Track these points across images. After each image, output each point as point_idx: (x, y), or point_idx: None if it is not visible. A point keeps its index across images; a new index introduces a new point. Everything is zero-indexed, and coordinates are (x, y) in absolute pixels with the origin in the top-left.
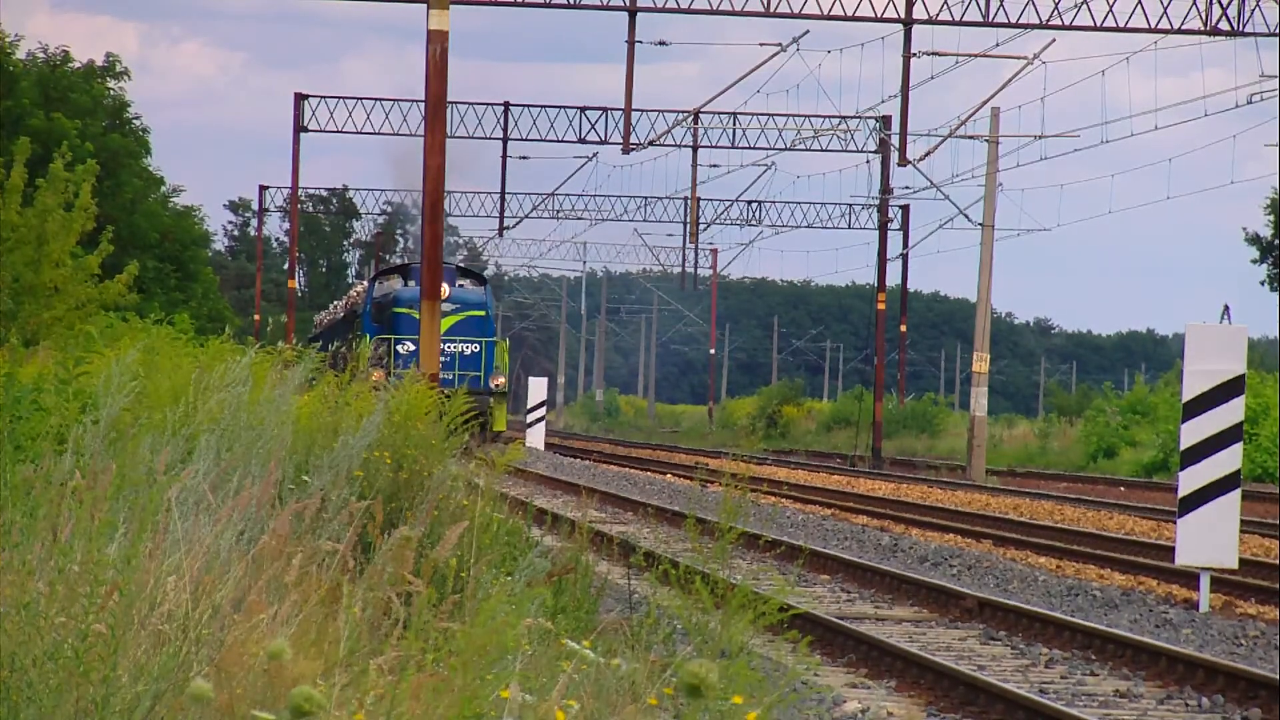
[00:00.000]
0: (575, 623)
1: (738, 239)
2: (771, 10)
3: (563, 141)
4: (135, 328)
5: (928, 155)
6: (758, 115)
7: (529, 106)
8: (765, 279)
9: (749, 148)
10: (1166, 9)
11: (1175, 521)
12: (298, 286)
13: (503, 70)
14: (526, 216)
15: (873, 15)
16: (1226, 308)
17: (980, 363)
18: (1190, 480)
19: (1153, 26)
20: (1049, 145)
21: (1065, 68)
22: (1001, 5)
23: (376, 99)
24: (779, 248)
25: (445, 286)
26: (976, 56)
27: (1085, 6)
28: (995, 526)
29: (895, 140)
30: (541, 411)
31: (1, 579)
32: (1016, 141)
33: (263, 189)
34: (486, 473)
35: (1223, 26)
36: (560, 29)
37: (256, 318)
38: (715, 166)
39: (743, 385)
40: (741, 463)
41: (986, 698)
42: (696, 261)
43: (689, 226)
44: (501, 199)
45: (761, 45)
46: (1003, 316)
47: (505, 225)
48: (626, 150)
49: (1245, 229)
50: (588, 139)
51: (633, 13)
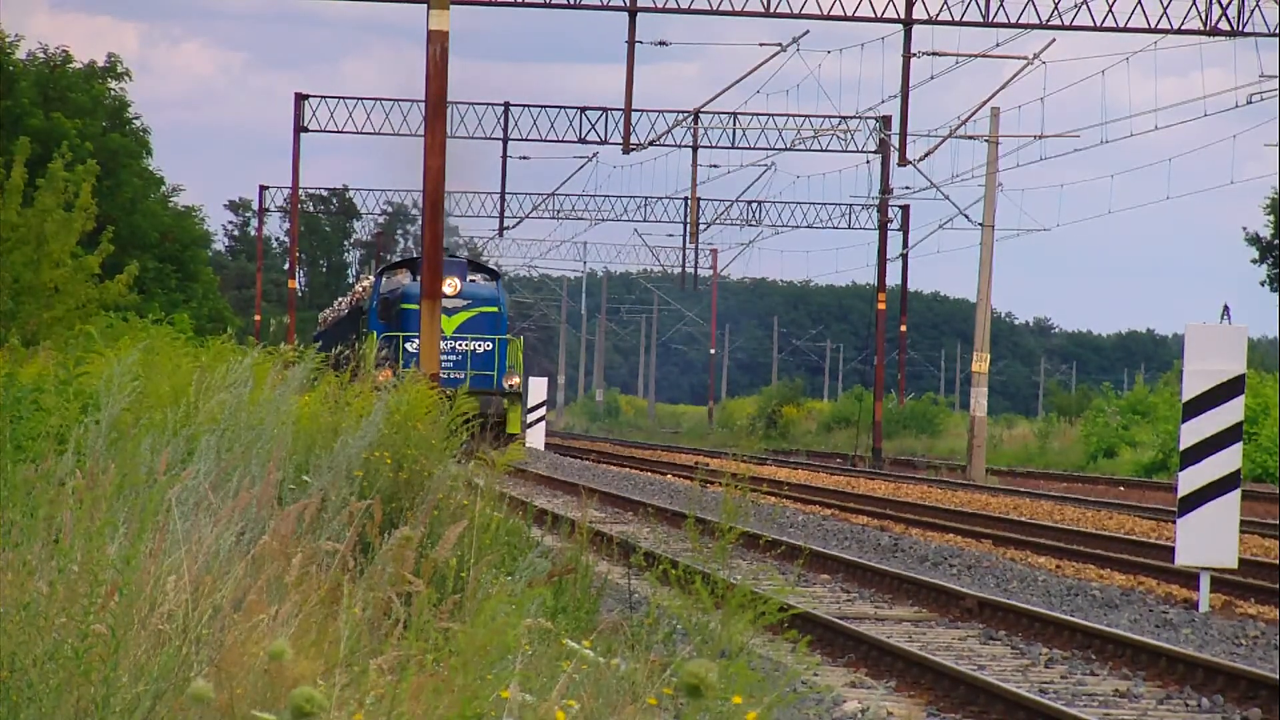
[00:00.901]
0: (575, 623)
1: (738, 239)
2: (771, 10)
3: (563, 141)
4: (135, 328)
5: (928, 155)
6: (758, 115)
7: (529, 106)
8: (765, 279)
9: (749, 148)
10: (1166, 9)
11: (1175, 521)
12: (298, 286)
13: (503, 70)
14: (527, 216)
15: (873, 15)
16: (1226, 308)
17: (980, 363)
18: (1190, 480)
19: (1153, 26)
20: (1049, 145)
21: (1065, 68)
22: (1001, 5)
23: (376, 99)
24: (779, 248)
25: (456, 281)
26: (976, 56)
27: (1085, 6)
28: (995, 526)
29: (895, 140)
30: (541, 411)
31: (2, 579)
32: (1016, 141)
33: (263, 189)
34: (486, 473)
35: (1223, 26)
36: (560, 29)
37: (257, 318)
38: (715, 166)
39: (743, 385)
40: (742, 463)
41: (986, 698)
42: (696, 261)
43: (689, 226)
44: (501, 199)
45: (761, 45)
46: (1003, 316)
47: (505, 225)
48: (626, 150)
49: (1245, 229)
50: (588, 139)
51: (633, 13)
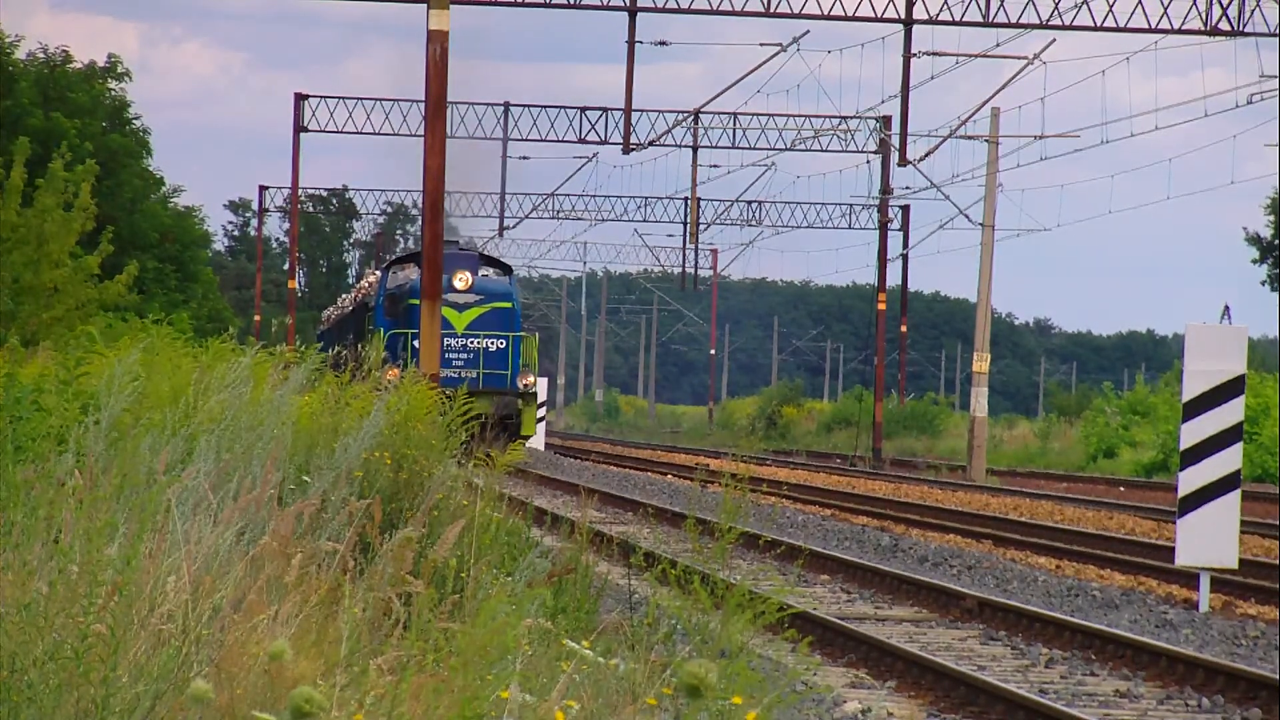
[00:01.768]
0: (575, 623)
1: (738, 239)
2: (771, 10)
3: (563, 141)
4: (135, 328)
5: (928, 155)
6: (758, 115)
7: (529, 106)
8: (765, 279)
9: (749, 148)
10: (1166, 9)
11: (1175, 521)
12: (298, 287)
13: (503, 70)
14: (527, 217)
15: (873, 15)
16: (1227, 308)
17: (980, 363)
18: (1190, 480)
19: (1153, 26)
20: (1049, 145)
21: (1065, 68)
22: (1001, 5)
23: (376, 99)
24: (779, 248)
25: (467, 275)
26: (976, 56)
27: (1085, 6)
28: (995, 527)
29: (895, 140)
30: (542, 412)
31: (2, 579)
32: (1016, 142)
33: (263, 189)
34: (486, 473)
35: (1223, 26)
36: (560, 29)
37: (257, 318)
38: (715, 166)
39: (743, 385)
40: (741, 463)
41: (986, 698)
42: (696, 261)
43: (689, 226)
44: (501, 199)
45: (762, 45)
46: (1003, 316)
47: (505, 225)
48: (626, 150)
49: (1245, 229)
50: (588, 139)
51: (633, 13)
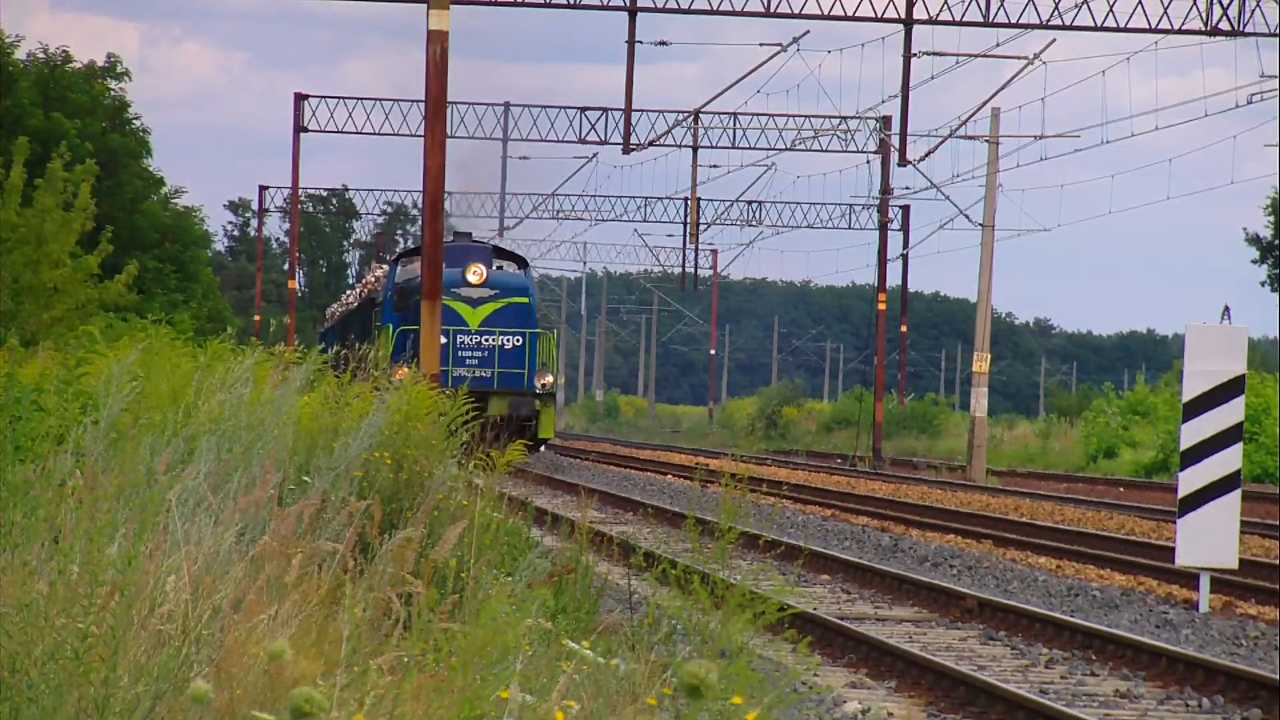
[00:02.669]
0: (575, 623)
1: (738, 239)
2: (771, 10)
3: (563, 141)
4: (135, 328)
5: (928, 155)
6: (758, 115)
7: (529, 106)
8: (765, 279)
9: (749, 148)
10: (1167, 9)
11: (1175, 521)
12: (298, 287)
13: (503, 70)
14: (527, 217)
15: (873, 15)
16: (1227, 308)
17: (980, 363)
18: (1190, 480)
19: (1153, 26)
20: (1049, 145)
21: (1065, 68)
22: (1001, 5)
23: (376, 99)
24: (779, 248)
25: (481, 268)
26: (976, 56)
27: (1085, 6)
28: (995, 527)
29: (895, 140)
30: None
31: (2, 579)
32: (1016, 142)
33: (263, 189)
34: (486, 473)
35: (1223, 26)
36: (560, 29)
37: (257, 318)
38: (715, 167)
39: (743, 385)
40: (741, 463)
41: (986, 698)
42: (696, 261)
43: (689, 227)
44: (501, 199)
45: (761, 45)
46: (1003, 316)
47: (505, 225)
48: (626, 150)
49: (1245, 229)
50: (588, 139)
51: (633, 13)
